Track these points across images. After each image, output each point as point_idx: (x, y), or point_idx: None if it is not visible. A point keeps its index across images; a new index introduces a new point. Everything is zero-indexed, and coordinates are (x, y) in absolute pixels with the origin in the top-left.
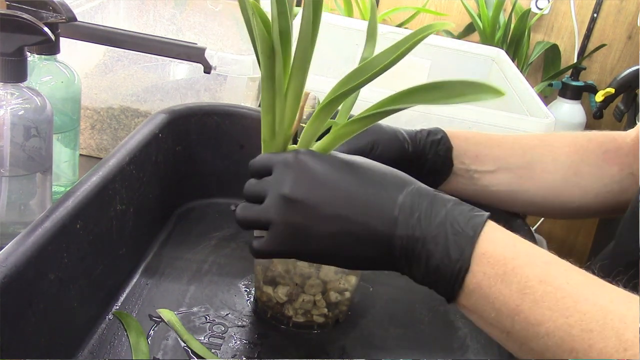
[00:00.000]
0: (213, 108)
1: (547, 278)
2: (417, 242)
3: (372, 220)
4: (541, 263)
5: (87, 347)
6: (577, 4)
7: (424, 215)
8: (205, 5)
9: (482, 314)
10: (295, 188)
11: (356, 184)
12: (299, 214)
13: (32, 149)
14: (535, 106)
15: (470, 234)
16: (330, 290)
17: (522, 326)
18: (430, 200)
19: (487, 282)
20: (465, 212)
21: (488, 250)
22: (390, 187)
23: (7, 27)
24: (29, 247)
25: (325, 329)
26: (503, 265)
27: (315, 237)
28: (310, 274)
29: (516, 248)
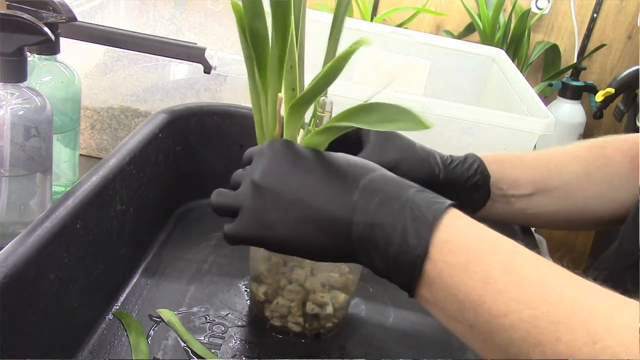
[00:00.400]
0: (213, 108)
1: (512, 268)
2: (375, 228)
3: (330, 205)
4: (506, 252)
5: (87, 347)
6: (577, 4)
7: (384, 200)
8: (205, 5)
9: (444, 306)
10: (263, 174)
11: (320, 170)
12: (264, 200)
13: (32, 149)
14: (535, 106)
15: (430, 219)
16: (309, 300)
17: (485, 318)
18: (392, 186)
19: (449, 272)
20: (427, 198)
21: (450, 238)
22: (353, 173)
23: (7, 27)
24: (29, 247)
25: (302, 340)
26: (465, 254)
27: (278, 223)
28: (295, 280)
29: (480, 236)
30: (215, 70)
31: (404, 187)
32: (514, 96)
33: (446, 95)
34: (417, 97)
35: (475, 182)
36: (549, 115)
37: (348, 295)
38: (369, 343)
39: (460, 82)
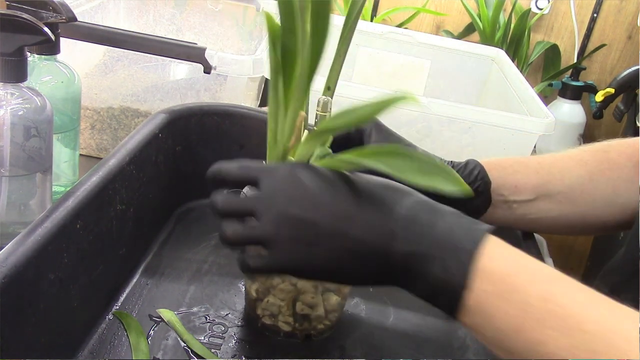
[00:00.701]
0: (213, 108)
1: (551, 296)
2: (415, 258)
3: (370, 236)
4: (544, 280)
5: (87, 347)
6: (577, 4)
7: (422, 228)
8: (205, 5)
9: (484, 332)
10: (292, 204)
11: (353, 199)
12: (298, 232)
13: (32, 149)
14: (535, 106)
15: (469, 248)
16: (299, 300)
17: (524, 346)
18: (429, 213)
19: (488, 300)
20: (465, 225)
21: (488, 267)
22: (388, 200)
23: (7, 27)
24: (29, 247)
25: (294, 340)
26: (504, 283)
27: (315, 255)
28: (288, 279)
29: (518, 264)
30: (215, 70)
31: (441, 213)
32: (514, 96)
33: (446, 95)
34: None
35: (476, 188)
36: (549, 115)
37: (341, 297)
38: (369, 343)
39: (460, 82)
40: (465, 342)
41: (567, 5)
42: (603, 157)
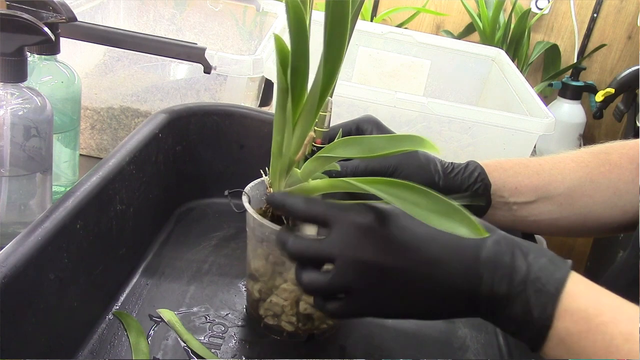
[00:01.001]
0: (213, 108)
1: (633, 336)
2: (500, 300)
3: (457, 281)
4: (626, 320)
5: (87, 347)
6: (577, 4)
7: (507, 272)
8: (205, 5)
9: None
10: (374, 253)
11: (437, 243)
12: (379, 281)
13: (32, 149)
14: (535, 106)
15: (552, 291)
16: (302, 300)
17: None
18: (511, 255)
19: (571, 339)
20: (546, 266)
21: (571, 307)
22: (471, 243)
23: (7, 27)
24: (29, 247)
25: (296, 340)
26: (587, 322)
27: (399, 301)
28: (290, 279)
29: (600, 303)
30: (215, 70)
31: (522, 254)
32: (514, 96)
33: (446, 95)
34: (417, 97)
35: (476, 190)
36: (549, 115)
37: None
38: (369, 343)
39: (460, 82)
40: (465, 342)
41: (567, 5)
42: (604, 158)
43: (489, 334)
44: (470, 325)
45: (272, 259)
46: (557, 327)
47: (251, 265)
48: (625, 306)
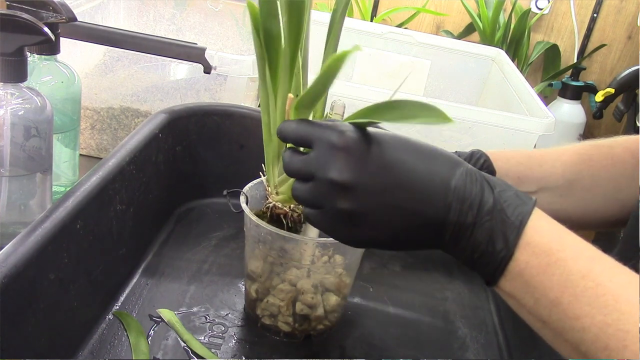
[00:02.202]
0: (213, 108)
1: (590, 274)
2: (466, 229)
3: (427, 208)
4: (586, 258)
5: (87, 347)
6: (577, 4)
7: (475, 202)
8: (205, 5)
9: (521, 300)
10: (343, 172)
11: (410, 169)
12: (349, 201)
13: (32, 149)
14: (535, 106)
15: (516, 223)
16: (299, 300)
17: (559, 317)
18: (480, 186)
19: (530, 272)
20: (512, 199)
21: (533, 240)
22: (443, 171)
23: (7, 27)
24: (29, 247)
25: (293, 340)
26: (547, 257)
27: (366, 224)
28: (288, 280)
29: (562, 240)
30: (215, 70)
31: (490, 186)
32: (514, 96)
33: (446, 95)
34: (417, 97)
35: None
36: (549, 115)
37: (340, 297)
38: (369, 343)
39: (460, 82)
40: (465, 342)
41: (567, 5)
42: (608, 152)
43: (489, 334)
44: (470, 325)
45: (270, 259)
46: (518, 259)
47: (248, 266)
48: (586, 246)
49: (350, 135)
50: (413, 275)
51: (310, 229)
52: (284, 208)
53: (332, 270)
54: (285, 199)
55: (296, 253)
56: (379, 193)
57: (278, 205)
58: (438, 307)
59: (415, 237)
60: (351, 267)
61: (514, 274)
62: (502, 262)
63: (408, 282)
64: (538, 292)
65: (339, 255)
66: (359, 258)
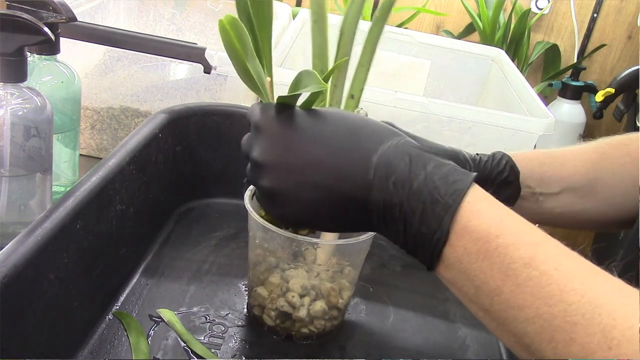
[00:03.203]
0: (213, 108)
1: (533, 262)
2: (394, 208)
3: (345, 186)
4: (528, 244)
5: (87, 347)
6: (577, 4)
7: (401, 179)
8: (205, 5)
9: (461, 288)
10: (262, 152)
11: (327, 146)
12: (268, 180)
13: (32, 149)
14: (535, 106)
15: (449, 203)
16: (283, 297)
17: (501, 307)
18: (408, 161)
19: (468, 258)
20: (446, 176)
21: (471, 224)
22: (365, 146)
23: (7, 27)
24: (29, 247)
25: (275, 336)
26: (486, 242)
27: (289, 202)
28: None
29: (502, 224)
30: (215, 70)
31: (421, 162)
32: (514, 96)
33: (446, 95)
34: (417, 97)
35: (505, 177)
36: (549, 115)
37: (327, 307)
38: (369, 343)
39: (460, 82)
40: (465, 342)
41: (567, 5)
42: (625, 150)
43: (489, 334)
44: (470, 325)
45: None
46: (455, 245)
47: (250, 254)
48: (529, 230)
49: (269, 114)
50: (413, 275)
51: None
52: None
53: (336, 280)
54: None
55: (310, 255)
56: (294, 171)
57: None
58: (438, 307)
59: (340, 217)
60: (355, 280)
61: (452, 261)
62: (436, 246)
63: (408, 282)
64: (478, 280)
65: (350, 268)
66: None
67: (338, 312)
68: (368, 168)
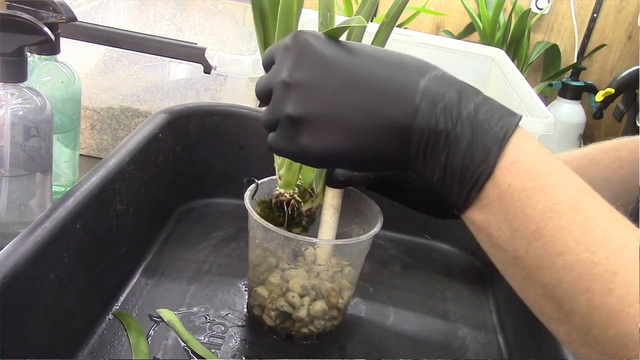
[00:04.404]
0: (213, 108)
1: (579, 206)
2: (438, 137)
3: (388, 108)
4: (575, 188)
5: (87, 347)
6: (577, 4)
7: (449, 106)
8: (205, 5)
9: (494, 231)
10: (294, 71)
11: (369, 67)
12: (302, 103)
13: (32, 149)
14: (535, 106)
15: (500, 135)
16: (283, 297)
17: (537, 253)
18: (458, 90)
19: (511, 196)
20: (496, 109)
21: (518, 160)
22: (411, 71)
23: (7, 27)
24: (29, 247)
25: (275, 336)
26: (533, 180)
27: (320, 130)
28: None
29: (550, 165)
30: (215, 70)
31: (470, 93)
32: (514, 96)
33: None
34: None
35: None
36: (549, 115)
37: (327, 307)
38: (369, 343)
39: None
40: (465, 343)
41: (567, 5)
42: (615, 155)
43: (489, 334)
44: (471, 325)
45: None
46: (498, 181)
47: (250, 254)
48: (575, 176)
49: (305, 36)
50: (413, 275)
51: (325, 230)
52: (285, 194)
53: (336, 280)
54: (285, 183)
55: (310, 255)
56: (332, 93)
57: (281, 192)
58: (438, 307)
59: (375, 148)
60: (355, 280)
61: (492, 198)
62: (479, 179)
63: (408, 282)
64: (517, 221)
65: (351, 268)
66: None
67: (338, 312)
68: (415, 91)
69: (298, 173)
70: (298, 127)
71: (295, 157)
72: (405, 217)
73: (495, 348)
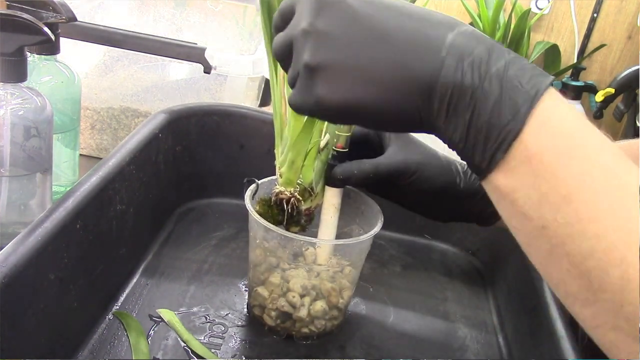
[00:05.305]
0: (213, 108)
1: (616, 170)
2: (464, 93)
3: (412, 61)
4: (610, 153)
5: (87, 347)
6: (577, 4)
7: (479, 61)
8: (205, 5)
9: (520, 197)
10: (316, 19)
11: (395, 18)
12: (322, 51)
13: (32, 149)
14: None
15: (531, 93)
16: (283, 297)
17: (567, 220)
18: (488, 47)
19: (541, 157)
20: (528, 68)
21: (550, 119)
22: (439, 25)
23: (7, 27)
24: (29, 247)
25: (290, 340)
26: (566, 140)
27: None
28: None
29: (584, 126)
30: (215, 70)
31: (500, 50)
32: None
33: None
34: None
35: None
36: None
37: (328, 307)
38: (369, 343)
39: None
40: (465, 343)
41: (567, 5)
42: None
43: (489, 334)
44: (470, 325)
45: (268, 251)
46: (527, 142)
47: (250, 254)
48: (608, 141)
49: None
50: (413, 275)
51: (325, 229)
52: (285, 192)
53: (337, 280)
54: (286, 181)
55: (310, 255)
56: (355, 42)
57: (281, 189)
58: (438, 307)
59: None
60: (355, 280)
61: (519, 160)
62: (506, 138)
63: (408, 282)
64: (547, 185)
65: (351, 268)
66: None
67: (338, 312)
68: (441, 45)
69: (299, 171)
70: (316, 76)
71: (313, 111)
72: (405, 217)
73: (495, 348)
